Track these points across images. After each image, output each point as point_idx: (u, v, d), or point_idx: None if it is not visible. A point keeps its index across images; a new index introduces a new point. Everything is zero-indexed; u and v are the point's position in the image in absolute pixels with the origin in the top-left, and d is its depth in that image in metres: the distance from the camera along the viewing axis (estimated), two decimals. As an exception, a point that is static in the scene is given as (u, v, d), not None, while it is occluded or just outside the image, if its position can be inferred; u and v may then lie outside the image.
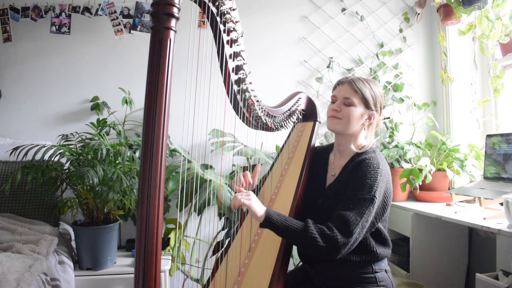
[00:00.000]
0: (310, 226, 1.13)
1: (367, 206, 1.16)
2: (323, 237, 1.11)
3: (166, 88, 0.85)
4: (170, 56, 0.85)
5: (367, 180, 1.20)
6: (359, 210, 1.15)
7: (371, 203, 1.16)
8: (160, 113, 0.84)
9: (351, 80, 1.33)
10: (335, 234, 1.11)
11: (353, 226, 1.12)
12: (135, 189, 1.88)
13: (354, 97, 1.30)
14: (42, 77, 2.47)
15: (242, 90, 1.26)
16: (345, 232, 1.12)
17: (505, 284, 1.47)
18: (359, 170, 1.23)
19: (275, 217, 1.15)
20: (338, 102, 1.33)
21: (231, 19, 1.13)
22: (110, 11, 2.48)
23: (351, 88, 1.31)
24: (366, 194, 1.17)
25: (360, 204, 1.16)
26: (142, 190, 0.83)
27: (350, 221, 1.12)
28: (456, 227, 2.02)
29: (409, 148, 2.26)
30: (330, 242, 1.11)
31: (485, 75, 2.41)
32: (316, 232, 1.11)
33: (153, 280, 0.84)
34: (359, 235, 1.14)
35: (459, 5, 2.21)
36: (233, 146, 2.26)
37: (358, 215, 1.14)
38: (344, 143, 1.36)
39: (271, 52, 2.61)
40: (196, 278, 2.15)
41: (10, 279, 1.32)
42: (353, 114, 1.30)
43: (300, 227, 1.14)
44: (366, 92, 1.31)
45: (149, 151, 0.83)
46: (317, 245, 1.11)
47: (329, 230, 1.12)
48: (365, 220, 1.15)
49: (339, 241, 1.10)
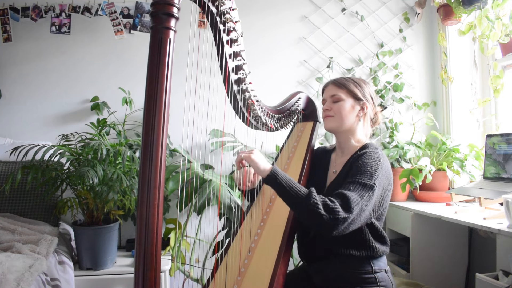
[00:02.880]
0: (313, 193, 1.11)
1: (367, 191, 1.15)
2: (325, 206, 1.09)
3: (166, 88, 0.85)
4: (170, 56, 0.85)
5: (368, 167, 1.20)
6: (359, 193, 1.14)
7: (371, 190, 1.16)
8: (160, 113, 0.84)
9: (333, 80, 1.41)
10: (336, 206, 1.09)
11: (354, 204, 1.11)
12: (135, 189, 1.88)
13: (340, 92, 1.37)
14: (42, 77, 2.47)
15: (242, 90, 1.26)
16: (346, 208, 1.10)
17: (505, 284, 1.47)
18: (360, 160, 1.25)
19: (281, 174, 1.15)
20: (328, 102, 1.39)
21: (231, 19, 1.13)
22: (110, 11, 2.48)
23: (335, 86, 1.38)
24: (366, 180, 1.17)
25: (360, 188, 1.16)
26: (142, 190, 0.83)
27: (351, 198, 1.11)
28: (456, 227, 2.02)
29: (409, 148, 2.26)
30: (331, 212, 1.08)
31: (485, 75, 2.41)
32: (319, 200, 1.10)
33: (153, 280, 0.84)
34: (358, 217, 1.12)
35: (459, 5, 2.21)
36: (233, 146, 2.26)
37: (359, 196, 1.13)
38: (343, 141, 1.39)
39: (271, 52, 2.61)
40: (196, 278, 2.15)
41: (10, 279, 1.32)
42: (344, 108, 1.35)
43: (303, 192, 1.12)
44: (349, 85, 1.37)
45: (149, 151, 0.83)
46: (318, 212, 1.07)
47: (331, 202, 1.10)
48: (365, 203, 1.13)
49: (340, 214, 1.08)
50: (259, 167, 1.17)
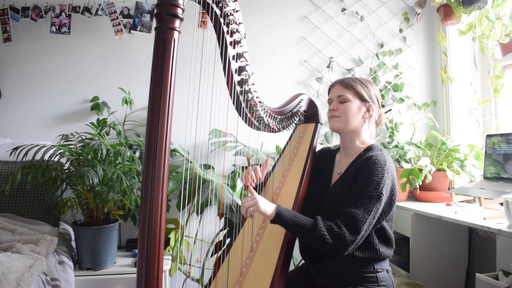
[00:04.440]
0: (319, 223, 1.15)
1: (374, 204, 1.18)
2: (331, 234, 1.14)
3: (170, 89, 0.85)
4: (174, 56, 0.85)
5: (374, 177, 1.21)
6: (366, 207, 1.17)
7: (378, 200, 1.18)
8: (164, 114, 0.84)
9: (341, 80, 1.40)
10: (343, 231, 1.13)
11: (360, 224, 1.14)
12: (135, 189, 1.88)
13: (347, 93, 1.36)
14: (42, 77, 2.46)
15: (244, 91, 1.26)
16: (353, 230, 1.14)
17: (505, 284, 1.47)
18: (366, 167, 1.25)
19: (285, 213, 1.18)
20: (334, 102, 1.39)
21: (235, 21, 1.13)
22: (110, 11, 2.48)
23: (343, 86, 1.38)
24: (373, 191, 1.19)
25: (367, 201, 1.18)
26: (146, 190, 0.83)
27: (357, 218, 1.15)
28: (456, 227, 2.03)
29: (409, 148, 2.26)
30: (338, 239, 1.13)
31: (485, 75, 2.41)
32: (325, 229, 1.14)
33: (155, 279, 0.84)
34: (366, 232, 1.17)
35: (459, 5, 2.21)
36: (233, 146, 2.25)
37: (365, 213, 1.16)
38: (348, 141, 1.39)
39: (271, 52, 2.61)
40: (197, 278, 2.15)
41: (10, 279, 1.31)
42: (350, 109, 1.35)
43: (309, 223, 1.16)
44: (357, 86, 1.36)
45: (152, 151, 0.83)
46: (325, 242, 1.13)
47: (337, 228, 1.14)
48: (372, 217, 1.17)
49: (347, 238, 1.13)
50: (266, 214, 1.19)
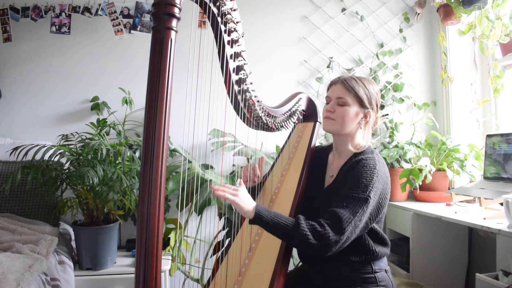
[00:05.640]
0: (302, 223, 1.10)
1: (361, 206, 1.13)
2: (314, 234, 1.08)
3: (167, 89, 0.85)
4: (171, 56, 0.85)
5: (362, 179, 1.18)
6: (353, 208, 1.12)
7: (365, 203, 1.14)
8: (161, 114, 0.84)
9: (343, 79, 1.31)
10: (326, 231, 1.08)
11: (345, 224, 1.09)
12: (135, 189, 1.88)
13: (347, 96, 1.29)
14: (42, 77, 2.46)
15: (242, 90, 1.26)
16: (337, 230, 1.09)
17: (505, 284, 1.47)
18: (355, 169, 1.22)
19: (264, 213, 1.11)
20: (332, 103, 1.32)
21: (232, 20, 1.13)
22: (110, 11, 2.48)
23: (344, 87, 1.30)
24: (360, 193, 1.15)
25: (354, 202, 1.14)
26: (143, 190, 0.83)
27: (343, 218, 1.10)
28: (456, 227, 2.02)
29: (409, 148, 2.26)
30: (322, 239, 1.08)
31: (485, 75, 2.41)
32: (307, 229, 1.09)
33: (153, 280, 0.84)
34: (351, 234, 1.11)
35: (459, 5, 2.21)
36: (233, 146, 2.26)
37: (351, 214, 1.11)
38: (341, 143, 1.35)
39: (271, 52, 2.61)
40: (196, 278, 2.15)
41: (10, 279, 1.32)
42: (348, 114, 1.29)
43: (290, 224, 1.10)
44: (359, 91, 1.29)
45: (150, 152, 0.83)
46: (308, 243, 1.08)
47: (320, 227, 1.09)
48: (358, 219, 1.12)
49: (331, 238, 1.08)
50: (242, 209, 1.11)
